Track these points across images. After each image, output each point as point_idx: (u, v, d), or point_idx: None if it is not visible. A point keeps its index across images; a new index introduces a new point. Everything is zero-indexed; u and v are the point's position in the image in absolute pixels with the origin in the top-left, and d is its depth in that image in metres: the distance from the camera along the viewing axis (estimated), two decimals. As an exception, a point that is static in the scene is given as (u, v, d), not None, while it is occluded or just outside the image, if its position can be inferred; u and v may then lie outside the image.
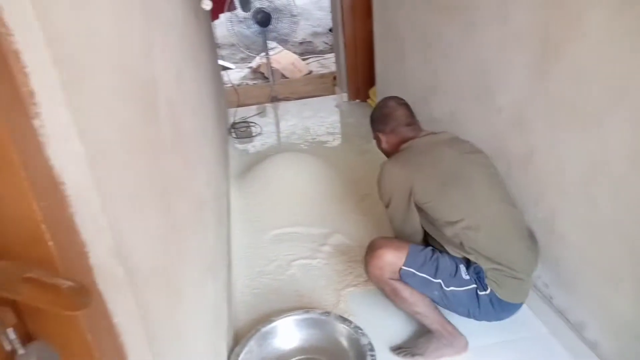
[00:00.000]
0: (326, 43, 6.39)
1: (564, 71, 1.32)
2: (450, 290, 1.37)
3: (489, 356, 1.46)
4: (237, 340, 1.49)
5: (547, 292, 1.55)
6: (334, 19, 4.03)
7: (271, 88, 4.25)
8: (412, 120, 1.61)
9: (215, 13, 3.74)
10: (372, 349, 1.36)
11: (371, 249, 1.45)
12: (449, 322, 1.46)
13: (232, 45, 5.42)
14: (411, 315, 1.51)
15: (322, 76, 5.21)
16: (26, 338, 0.50)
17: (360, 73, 3.83)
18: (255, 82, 5.32)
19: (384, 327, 1.59)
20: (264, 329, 1.47)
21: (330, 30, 5.55)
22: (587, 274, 1.35)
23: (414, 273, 1.38)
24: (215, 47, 3.80)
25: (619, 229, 1.20)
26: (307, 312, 1.53)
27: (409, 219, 1.48)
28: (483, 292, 1.37)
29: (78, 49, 0.55)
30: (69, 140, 0.50)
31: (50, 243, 0.48)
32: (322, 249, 2.03)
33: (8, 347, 0.45)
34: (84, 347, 0.54)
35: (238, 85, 5.03)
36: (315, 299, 1.74)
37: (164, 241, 0.84)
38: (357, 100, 3.96)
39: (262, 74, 5.33)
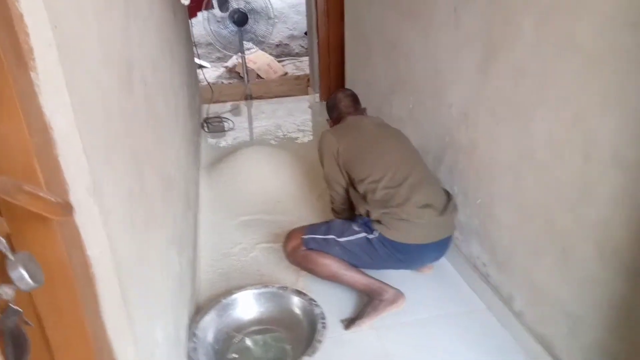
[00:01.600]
0: (302, 46, 6.54)
1: (501, 71, 1.49)
2: (345, 240, 1.65)
3: (431, 329, 1.61)
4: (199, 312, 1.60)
5: (484, 271, 1.72)
6: (308, 22, 4.18)
7: (246, 87, 4.36)
8: (353, 108, 2.01)
9: (193, 11, 3.84)
10: (323, 317, 1.49)
11: (285, 238, 1.85)
12: (374, 279, 1.66)
13: (209, 44, 5.51)
14: (338, 282, 1.71)
15: (297, 78, 5.36)
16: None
17: (332, 74, 3.98)
18: (230, 81, 5.41)
19: (337, 300, 1.73)
20: (224, 301, 1.59)
21: (306, 33, 5.70)
22: (516, 251, 1.52)
23: (312, 238, 1.72)
24: (191, 45, 3.89)
25: (541, 209, 1.37)
26: (266, 286, 1.65)
27: (337, 176, 1.85)
28: (372, 236, 1.61)
29: (71, 17, 0.66)
30: (59, 93, 0.62)
31: (40, 175, 0.59)
32: (285, 234, 2.15)
33: (-2, 252, 0.55)
34: (61, 266, 0.65)
35: (213, 83, 5.12)
36: (276, 277, 1.86)
37: (134, 198, 0.95)
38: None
39: (238, 73, 5.43)
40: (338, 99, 2.03)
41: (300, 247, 1.75)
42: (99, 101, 0.77)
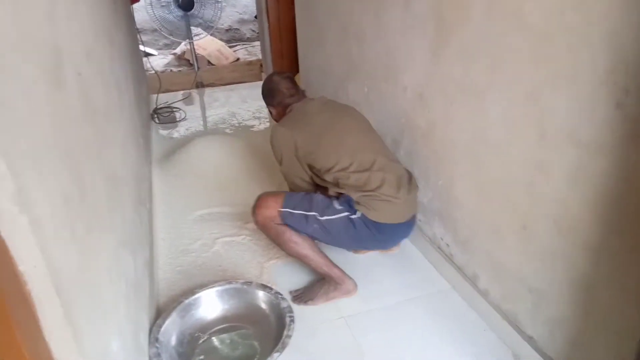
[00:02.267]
0: (253, 30, 6.38)
1: (453, 52, 1.47)
2: (326, 219, 1.57)
3: (399, 313, 1.61)
4: (160, 315, 1.52)
5: (448, 251, 1.73)
6: (258, 5, 4.05)
7: (196, 74, 4.19)
8: (293, 91, 1.86)
9: (133, -5, 3.62)
10: (290, 311, 1.45)
11: (256, 203, 1.65)
12: (336, 266, 1.65)
13: (155, 30, 5.26)
14: (300, 260, 1.67)
15: (249, 63, 5.22)
16: None
17: (285, 59, 3.89)
18: (180, 69, 5.20)
19: (293, 275, 1.73)
20: (186, 301, 1.51)
21: (256, 17, 5.55)
22: (478, 231, 1.53)
23: (290, 212, 1.58)
24: (135, 32, 3.68)
25: (500, 188, 1.38)
26: (229, 282, 1.59)
27: (298, 171, 1.72)
28: (355, 216, 1.56)
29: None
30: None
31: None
32: (246, 226, 2.09)
33: None
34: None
35: (162, 72, 4.90)
36: (239, 272, 1.80)
37: (72, 203, 0.86)
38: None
39: (187, 60, 5.23)
40: (276, 83, 1.88)
41: (275, 219, 1.60)
42: (19, 97, 0.68)
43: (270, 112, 1.97)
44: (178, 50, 5.47)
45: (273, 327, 1.46)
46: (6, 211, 0.58)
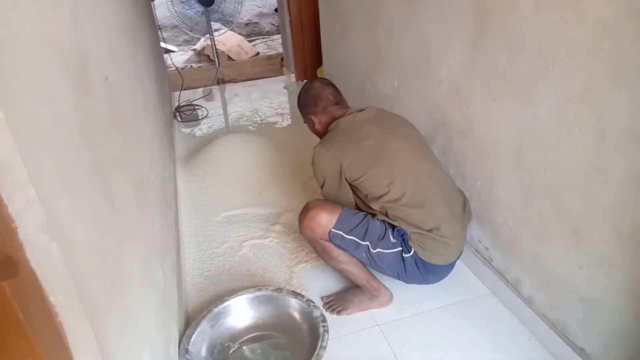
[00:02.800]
0: (272, 24, 6.30)
1: (497, 43, 1.37)
2: (377, 252, 1.44)
3: (436, 320, 1.53)
4: (189, 323, 1.48)
5: (487, 255, 1.64)
6: (278, -2, 3.97)
7: (217, 70, 4.15)
8: (339, 98, 1.66)
9: (153, -8, 3.58)
10: (324, 320, 1.39)
11: (305, 210, 1.49)
12: (375, 278, 1.56)
13: (175, 27, 5.23)
14: (339, 272, 1.59)
15: (269, 57, 5.15)
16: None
17: (307, 53, 3.81)
18: (200, 64, 5.17)
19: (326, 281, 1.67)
20: (215, 309, 1.47)
21: (276, 10, 5.47)
22: (522, 235, 1.44)
23: (342, 236, 1.43)
24: (156, 29, 3.65)
25: (548, 190, 1.29)
26: (259, 289, 1.53)
27: (342, 195, 1.54)
28: (408, 255, 1.44)
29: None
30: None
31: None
32: (273, 228, 2.04)
33: None
34: (17, 329, 0.52)
35: (182, 68, 4.88)
36: (268, 277, 1.75)
37: (103, 218, 0.81)
38: (305, 81, 3.93)
39: (207, 56, 5.19)
40: (318, 89, 1.64)
41: (323, 236, 1.46)
42: (47, 113, 0.62)
43: (311, 123, 1.69)
44: (198, 46, 5.43)
45: (306, 337, 1.40)
46: (36, 241, 0.53)
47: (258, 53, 5.40)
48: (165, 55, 4.06)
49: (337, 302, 1.58)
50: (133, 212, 1.12)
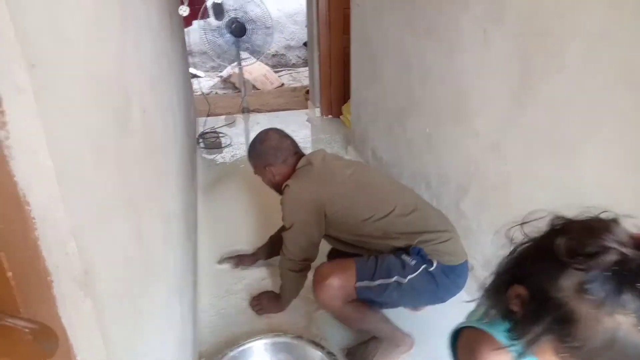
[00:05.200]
0: (299, 57, 6.40)
1: (541, 100, 1.33)
2: (409, 280, 1.36)
3: None
4: (202, 364, 1.41)
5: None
6: (309, 32, 4.03)
7: (242, 99, 4.18)
8: (298, 148, 1.66)
9: (188, 19, 3.66)
10: (345, 376, 1.31)
11: (319, 279, 1.41)
12: (397, 327, 1.51)
13: (203, 53, 5.33)
14: (365, 331, 1.54)
15: (294, 89, 5.20)
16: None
17: (333, 88, 3.83)
18: (225, 91, 5.23)
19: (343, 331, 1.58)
20: (232, 353, 1.40)
21: (305, 44, 5.56)
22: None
23: (369, 285, 1.37)
24: (186, 54, 3.71)
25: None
26: (277, 335, 1.46)
27: (310, 234, 1.51)
28: (432, 268, 1.38)
29: (50, 53, 0.48)
30: (37, 154, 0.44)
31: (10, 274, 0.41)
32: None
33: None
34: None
35: (207, 94, 4.94)
36: (285, 321, 1.67)
37: (132, 262, 0.77)
38: (330, 116, 3.95)
39: (233, 84, 5.26)
40: (277, 142, 1.62)
41: (348, 297, 1.38)
42: (90, 154, 0.59)
43: (267, 175, 1.66)
44: (224, 73, 5.52)
45: (325, 392, 1.32)
46: (70, 296, 0.48)
47: (283, 84, 5.46)
48: (193, 80, 4.11)
49: (359, 355, 1.51)
50: (159, 249, 1.07)
